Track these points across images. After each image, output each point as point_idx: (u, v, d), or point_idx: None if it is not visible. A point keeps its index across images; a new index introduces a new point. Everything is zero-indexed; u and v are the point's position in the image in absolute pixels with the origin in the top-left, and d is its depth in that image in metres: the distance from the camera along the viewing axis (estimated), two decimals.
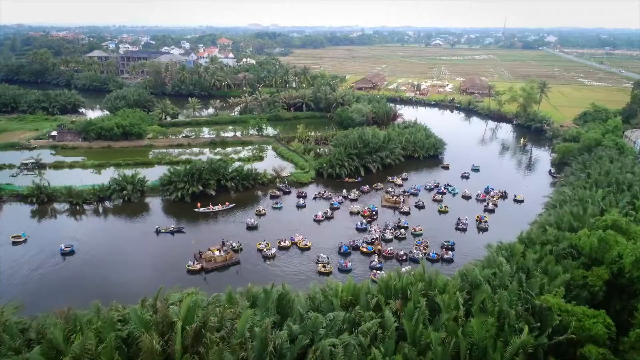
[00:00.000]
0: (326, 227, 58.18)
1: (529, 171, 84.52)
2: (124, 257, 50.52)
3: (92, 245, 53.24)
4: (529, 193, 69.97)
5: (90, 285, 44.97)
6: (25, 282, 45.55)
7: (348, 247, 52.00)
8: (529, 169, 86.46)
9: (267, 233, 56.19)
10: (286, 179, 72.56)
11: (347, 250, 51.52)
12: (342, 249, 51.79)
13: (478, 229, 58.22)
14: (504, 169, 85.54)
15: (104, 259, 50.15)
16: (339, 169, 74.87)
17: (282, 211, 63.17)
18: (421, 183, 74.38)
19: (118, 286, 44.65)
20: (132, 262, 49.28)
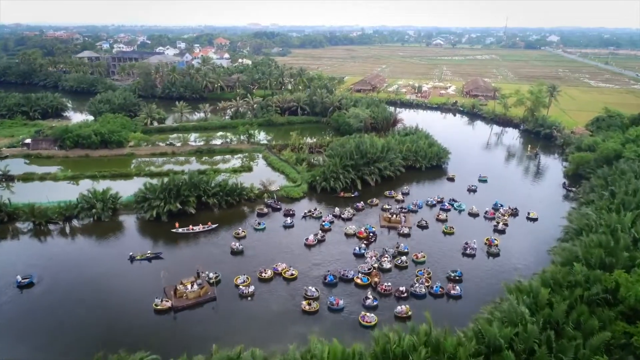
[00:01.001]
0: (318, 253, 51.56)
1: (540, 183, 77.94)
2: (88, 291, 43.84)
3: (54, 274, 46.82)
4: (543, 209, 63.45)
5: (41, 329, 38.57)
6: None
7: (334, 277, 45.59)
8: (539, 180, 79.86)
9: (253, 259, 49.71)
10: (275, 193, 66.06)
11: (332, 281, 45.07)
12: (327, 278, 45.33)
13: (488, 254, 51.69)
14: (514, 180, 78.97)
15: (65, 293, 43.63)
16: (333, 182, 68.35)
17: (267, 233, 56.28)
18: (423, 197, 67.89)
19: (71, 332, 38.27)
20: (96, 299, 42.57)
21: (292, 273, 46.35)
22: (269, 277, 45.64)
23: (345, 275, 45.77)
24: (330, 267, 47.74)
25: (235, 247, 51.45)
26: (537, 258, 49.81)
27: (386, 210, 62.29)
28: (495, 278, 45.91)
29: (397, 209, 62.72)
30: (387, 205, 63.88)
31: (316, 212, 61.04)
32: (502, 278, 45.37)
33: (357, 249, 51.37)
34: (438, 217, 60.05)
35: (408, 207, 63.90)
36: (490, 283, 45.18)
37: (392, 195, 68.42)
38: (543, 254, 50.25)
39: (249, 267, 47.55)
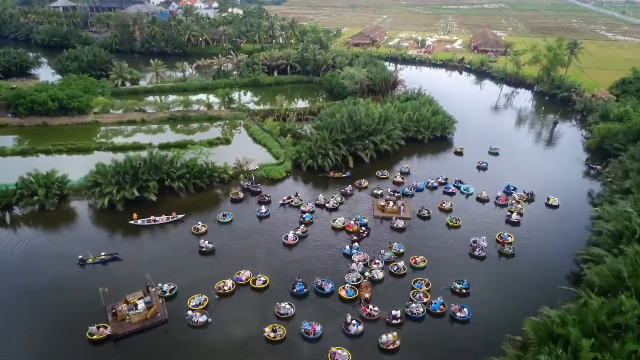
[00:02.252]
0: (299, 253, 42.95)
1: (559, 158, 68.26)
2: (16, 310, 35.67)
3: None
4: (564, 193, 54.58)
5: None
6: None
7: (305, 285, 37.52)
8: (558, 154, 70.15)
9: (224, 262, 41.41)
10: (253, 173, 56.94)
11: (301, 291, 37.04)
12: (295, 287, 37.31)
13: (500, 254, 43.39)
14: (528, 154, 69.41)
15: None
16: (321, 160, 59.02)
17: (236, 226, 47.19)
18: (425, 177, 58.84)
19: None
20: (23, 321, 34.44)
21: (263, 281, 38.22)
22: (230, 290, 37.43)
23: (322, 288, 37.54)
24: (310, 272, 39.46)
25: (205, 246, 42.98)
26: (561, 264, 41.48)
27: (378, 195, 53.43)
28: (511, 291, 37.78)
29: (389, 193, 53.91)
30: (377, 190, 54.63)
31: (296, 199, 51.87)
32: (518, 293, 37.38)
33: (347, 248, 42.96)
34: (442, 205, 51.16)
35: (403, 191, 55.00)
36: (504, 298, 37.06)
37: (384, 176, 59.12)
38: (568, 259, 41.93)
39: (219, 274, 39.22)
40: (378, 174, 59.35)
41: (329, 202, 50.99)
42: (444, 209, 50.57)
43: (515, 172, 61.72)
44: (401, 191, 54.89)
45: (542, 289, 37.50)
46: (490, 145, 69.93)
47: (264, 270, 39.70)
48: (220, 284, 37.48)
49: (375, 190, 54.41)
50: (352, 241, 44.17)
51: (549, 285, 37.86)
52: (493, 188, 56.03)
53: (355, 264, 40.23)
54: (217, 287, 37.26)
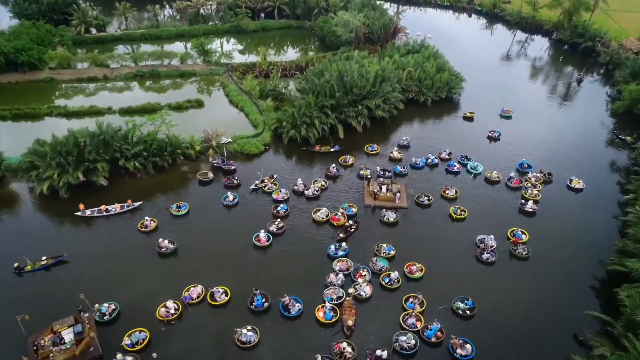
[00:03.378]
0: (274, 257, 35.66)
1: (582, 125, 59.00)
2: None
3: None
4: (589, 172, 46.82)
5: None
6: None
7: (265, 298, 31.12)
8: (581, 120, 60.88)
9: (184, 267, 34.54)
10: (226, 147, 48.70)
11: (260, 307, 30.57)
12: (254, 302, 30.77)
13: (511, 256, 36.36)
14: (545, 119, 60.49)
15: None
16: (305, 131, 50.49)
17: (198, 219, 39.34)
18: (425, 149, 50.73)
19: None
20: None
21: (221, 297, 31.43)
22: (176, 314, 30.36)
23: (288, 310, 30.69)
24: (285, 282, 32.69)
25: (165, 247, 35.83)
26: (586, 271, 34.56)
27: (365, 177, 45.10)
28: (525, 315, 31.04)
29: (379, 172, 45.93)
30: (365, 169, 45.95)
31: (270, 183, 43.72)
32: (534, 319, 30.73)
33: (332, 249, 35.86)
34: (445, 193, 43.37)
35: (395, 170, 47.01)
36: (516, 325, 30.39)
37: (374, 152, 50.45)
38: (594, 265, 35.03)
39: (178, 284, 32.44)
40: (367, 149, 50.71)
41: (309, 189, 43.08)
42: (448, 197, 42.80)
43: (530, 142, 53.48)
44: (392, 170, 46.94)
45: (564, 311, 30.88)
46: (503, 108, 61.02)
47: (228, 280, 32.85)
48: (164, 312, 30.27)
49: (363, 170, 46.05)
50: (338, 240, 36.98)
51: (573, 305, 31.26)
52: (505, 165, 48.31)
53: (335, 275, 33.20)
54: (158, 311, 30.26)
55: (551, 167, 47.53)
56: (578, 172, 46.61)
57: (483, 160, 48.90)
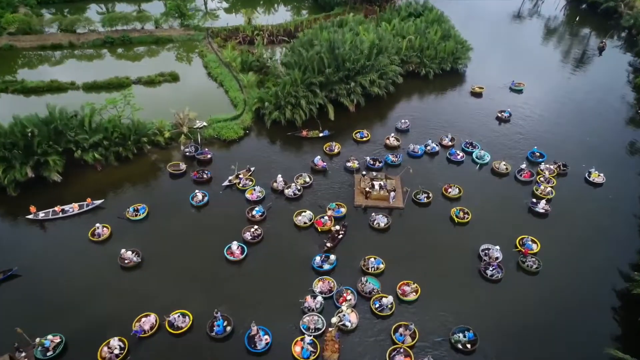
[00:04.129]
0: (247, 271, 30.91)
1: (601, 103, 52.76)
2: None
3: None
4: (610, 162, 41.51)
5: None
6: None
7: (227, 321, 26.96)
8: (600, 96, 54.52)
9: (146, 287, 30.04)
10: (200, 134, 43.10)
11: (221, 332, 26.35)
12: (214, 328, 26.53)
13: (518, 267, 31.76)
14: (559, 93, 54.33)
15: None
16: (291, 112, 44.64)
17: (160, 224, 34.18)
18: (425, 133, 45.20)
19: None
20: None
21: (182, 323, 27.11)
22: (118, 358, 25.52)
23: (253, 343, 26.17)
24: (258, 305, 28.40)
25: (128, 260, 31.15)
26: (606, 294, 30.04)
27: (352, 170, 39.73)
28: (535, 350, 26.82)
29: (368, 162, 40.60)
30: (353, 162, 40.22)
31: (245, 179, 38.07)
32: (547, 354, 26.53)
33: (317, 260, 31.28)
34: (446, 191, 38.12)
35: (386, 160, 41.49)
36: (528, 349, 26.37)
37: (364, 138, 44.42)
38: (615, 279, 30.58)
39: (135, 310, 28.20)
40: (356, 136, 44.84)
41: (290, 187, 37.69)
42: (450, 196, 37.66)
43: (543, 123, 47.86)
44: (384, 161, 41.46)
45: (581, 346, 26.65)
46: (513, 81, 54.82)
47: (194, 302, 28.46)
48: (106, 353, 25.71)
49: (351, 162, 40.25)
50: (324, 249, 32.31)
51: (590, 337, 27.06)
52: (515, 152, 42.99)
53: (312, 299, 28.70)
54: (100, 351, 25.90)
55: (567, 155, 42.21)
56: (598, 161, 41.26)
57: (490, 146, 43.44)
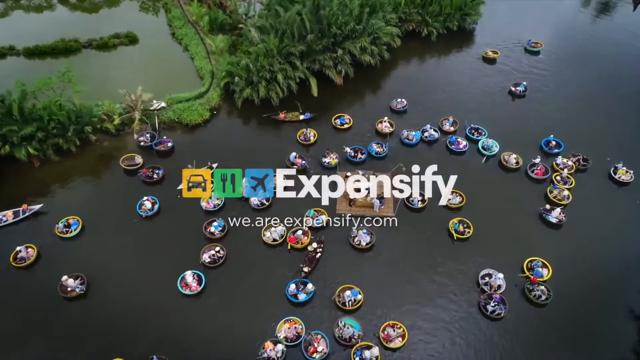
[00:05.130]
0: (204, 308, 25.83)
1: (628, 78, 45.25)
2: None
3: None
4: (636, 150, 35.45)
5: None
6: None
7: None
8: (625, 69, 46.75)
9: (88, 329, 25.49)
10: (158, 117, 36.48)
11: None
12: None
13: (524, 298, 26.93)
14: (583, 57, 46.60)
15: None
16: (265, 89, 37.61)
17: (97, 239, 28.62)
18: (421, 114, 38.49)
19: None
20: None
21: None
22: None
23: None
24: (219, 352, 24.03)
25: (71, 288, 25.84)
26: (631, 332, 25.45)
27: (326, 165, 33.54)
28: None
29: (348, 153, 34.29)
30: (331, 156, 33.87)
31: (205, 181, 31.59)
32: None
33: (292, 290, 26.20)
34: (448, 202, 31.76)
35: (369, 151, 34.87)
36: None
37: (344, 125, 37.19)
38: None
39: None
40: (335, 122, 37.60)
41: (253, 198, 31.02)
42: (450, 205, 31.71)
43: (563, 98, 40.95)
44: (366, 151, 35.05)
45: None
46: (530, 40, 47.00)
47: (128, 346, 23.93)
48: None
49: (328, 157, 33.81)
50: (303, 274, 27.16)
51: None
52: (529, 139, 36.56)
53: (274, 345, 23.90)
54: None
55: (589, 143, 35.88)
56: (628, 154, 35.01)
57: (500, 132, 36.89)
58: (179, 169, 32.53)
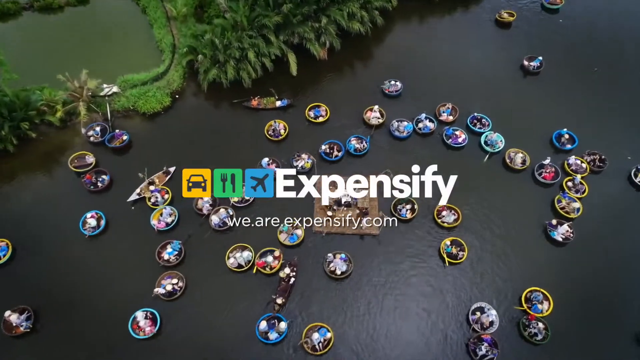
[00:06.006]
0: (163, 349, 23.34)
1: None
2: None
3: None
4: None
5: None
6: None
7: None
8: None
9: None
10: (109, 103, 31.32)
11: None
12: None
13: (519, 334, 23.87)
14: (612, 18, 39.81)
15: None
16: (234, 70, 31.96)
17: (31, 266, 24.94)
18: (416, 100, 33.15)
19: None
20: None
21: None
22: None
23: None
24: None
25: (17, 325, 22.69)
26: None
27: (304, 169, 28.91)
28: None
29: (320, 152, 29.74)
30: (302, 159, 29.16)
31: (157, 190, 27.30)
32: None
33: (263, 328, 23.02)
34: (439, 215, 27.54)
35: (348, 148, 29.98)
36: None
37: (319, 118, 31.66)
38: None
39: None
40: (308, 115, 31.85)
41: (218, 211, 27.12)
42: (445, 221, 27.20)
43: (582, 76, 35.22)
44: (343, 147, 30.26)
45: None
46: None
47: None
48: None
49: (300, 160, 29.06)
50: (274, 308, 23.99)
51: None
52: (538, 130, 31.69)
53: None
54: None
55: (608, 136, 31.08)
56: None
57: (506, 121, 31.83)
58: (131, 172, 28.16)
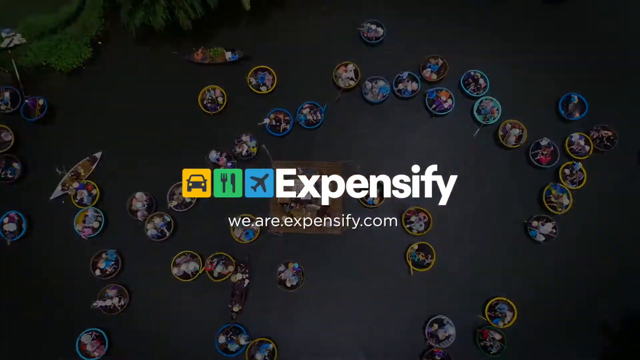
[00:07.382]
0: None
1: None
2: None
3: None
4: None
5: None
6: None
7: None
8: None
9: None
10: (15, 62, 24.94)
11: None
12: None
13: (477, 347, 23.35)
14: None
15: None
16: (165, 10, 24.23)
17: None
18: (400, 53, 26.03)
19: None
20: None
21: None
22: None
23: None
24: None
25: None
26: None
27: (251, 156, 24.30)
28: None
29: (265, 126, 24.23)
30: (242, 145, 24.11)
31: (81, 185, 23.02)
32: None
33: (221, 343, 22.14)
34: (407, 221, 23.61)
35: (298, 120, 24.39)
36: None
37: (261, 89, 24.70)
38: None
39: None
40: (250, 81, 24.87)
41: (150, 219, 23.35)
42: (411, 232, 23.88)
43: None
44: (292, 121, 24.66)
45: None
46: None
47: None
48: None
49: (241, 147, 24.03)
50: (234, 315, 22.78)
51: None
52: (544, 92, 25.99)
53: None
54: None
55: (622, 109, 25.66)
56: None
57: (506, 81, 25.89)
58: (51, 155, 23.99)
